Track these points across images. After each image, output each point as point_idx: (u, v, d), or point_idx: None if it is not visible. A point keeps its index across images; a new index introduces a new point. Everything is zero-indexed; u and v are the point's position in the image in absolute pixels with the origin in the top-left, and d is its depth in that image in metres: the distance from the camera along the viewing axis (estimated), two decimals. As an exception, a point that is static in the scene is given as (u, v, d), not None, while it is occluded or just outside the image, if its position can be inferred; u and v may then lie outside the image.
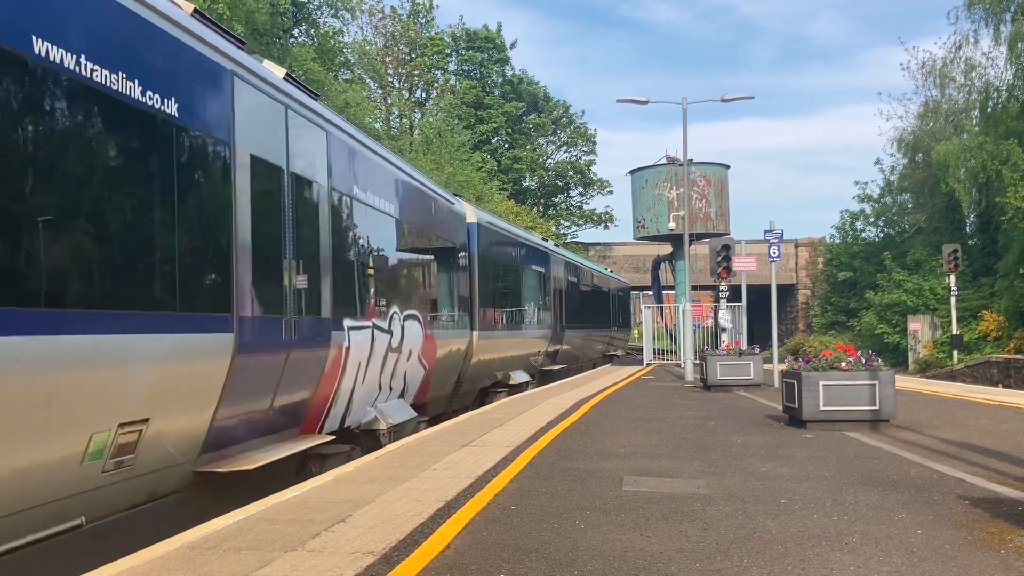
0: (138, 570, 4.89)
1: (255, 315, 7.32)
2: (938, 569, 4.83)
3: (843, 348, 12.24)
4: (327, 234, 9.10)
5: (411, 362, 12.04)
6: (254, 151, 7.34)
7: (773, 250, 20.31)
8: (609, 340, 39.66)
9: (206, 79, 6.67)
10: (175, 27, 6.24)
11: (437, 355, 13.48)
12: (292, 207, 8.16)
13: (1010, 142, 32.28)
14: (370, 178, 10.67)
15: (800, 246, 52.79)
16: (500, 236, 19.32)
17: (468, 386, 16.69)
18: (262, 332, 7.48)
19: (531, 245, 23.11)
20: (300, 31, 30.27)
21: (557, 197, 60.97)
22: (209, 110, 6.66)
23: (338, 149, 9.56)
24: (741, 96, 26.24)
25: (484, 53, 56.00)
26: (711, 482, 7.53)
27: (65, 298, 5.07)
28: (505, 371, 19.49)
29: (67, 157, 5.13)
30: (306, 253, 8.52)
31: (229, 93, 6.92)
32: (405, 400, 12.24)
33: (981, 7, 35.15)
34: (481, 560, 5.05)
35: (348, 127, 10.41)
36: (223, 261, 6.83)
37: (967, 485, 7.32)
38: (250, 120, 7.28)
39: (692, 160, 34.57)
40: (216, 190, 6.81)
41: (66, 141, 5.11)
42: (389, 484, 7.46)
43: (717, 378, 18.98)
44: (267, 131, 7.70)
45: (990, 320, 33.93)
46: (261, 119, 7.58)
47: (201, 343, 6.45)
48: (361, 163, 10.42)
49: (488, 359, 17.45)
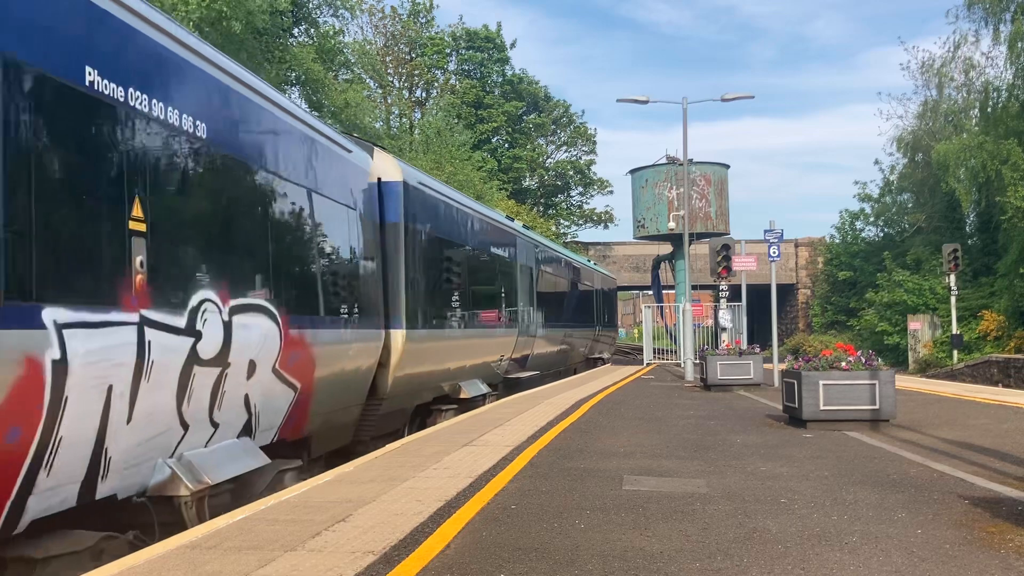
0: (138, 570, 4.90)
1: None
2: (938, 569, 4.83)
3: (843, 348, 12.24)
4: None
5: (257, 379, 7.78)
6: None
7: (773, 250, 20.32)
8: (593, 342, 34.83)
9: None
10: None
11: (318, 366, 9.16)
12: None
13: (1010, 142, 32.29)
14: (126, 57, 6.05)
15: (800, 246, 52.81)
16: (443, 205, 14.16)
17: (391, 405, 12.00)
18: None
19: (491, 222, 18.10)
20: (300, 30, 30.27)
21: (557, 197, 60.97)
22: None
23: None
24: (741, 96, 26.24)
25: (484, 53, 55.99)
26: (711, 481, 7.53)
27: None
28: (453, 382, 14.94)
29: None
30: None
31: None
32: (253, 438, 7.97)
33: (980, 7, 35.15)
34: (481, 559, 5.05)
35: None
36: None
37: (967, 485, 7.32)
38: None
39: (692, 160, 34.59)
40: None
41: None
42: (389, 484, 7.46)
43: (717, 378, 18.98)
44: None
45: (990, 320, 33.94)
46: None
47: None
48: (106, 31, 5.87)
49: (424, 369, 13.08)
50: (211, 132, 7.07)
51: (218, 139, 7.19)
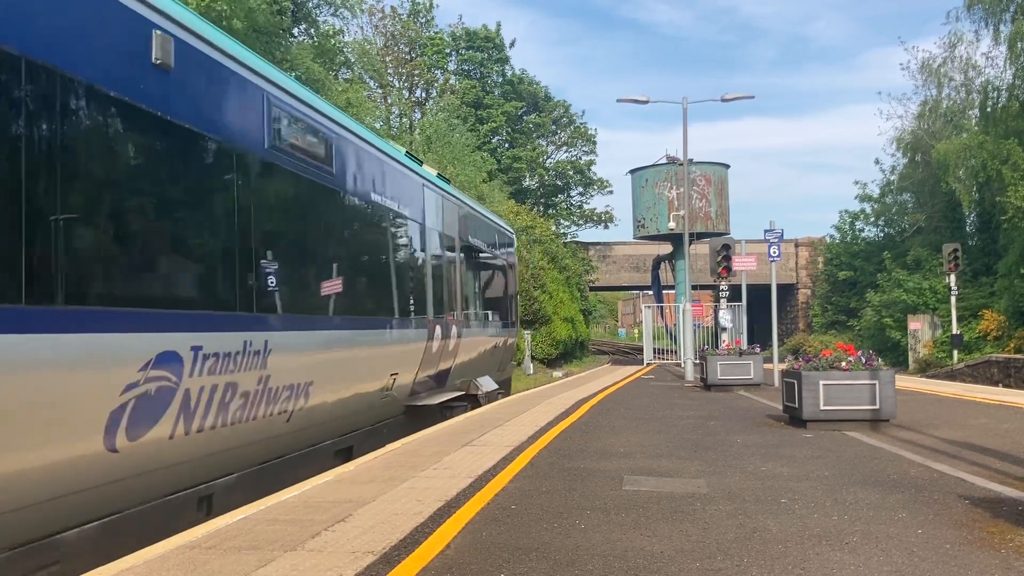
0: (138, 570, 4.89)
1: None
2: (938, 569, 4.83)
3: (843, 348, 12.24)
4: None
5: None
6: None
7: (773, 250, 20.31)
8: (492, 354, 17.57)
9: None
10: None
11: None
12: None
13: (1010, 141, 32.31)
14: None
15: (800, 246, 52.82)
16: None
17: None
18: None
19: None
20: (300, 30, 30.25)
21: (557, 197, 60.99)
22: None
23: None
24: (741, 96, 26.25)
25: (484, 53, 56.01)
26: (711, 482, 7.53)
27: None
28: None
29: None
30: None
31: None
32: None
33: (980, 7, 35.18)
34: (481, 560, 5.05)
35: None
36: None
37: (967, 484, 7.32)
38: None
39: (692, 159, 34.60)
40: None
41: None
42: (389, 484, 7.46)
43: (717, 378, 18.98)
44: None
45: (990, 319, 33.95)
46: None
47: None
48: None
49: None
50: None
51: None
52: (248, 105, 7.25)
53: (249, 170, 7.19)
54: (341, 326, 9.17)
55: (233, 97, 7.02)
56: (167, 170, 6.13)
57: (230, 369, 6.63)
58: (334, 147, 8.99)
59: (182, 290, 6.35)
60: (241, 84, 7.12)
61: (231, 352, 6.65)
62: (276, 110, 7.69)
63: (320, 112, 8.83)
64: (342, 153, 9.23)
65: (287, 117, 7.93)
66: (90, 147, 5.31)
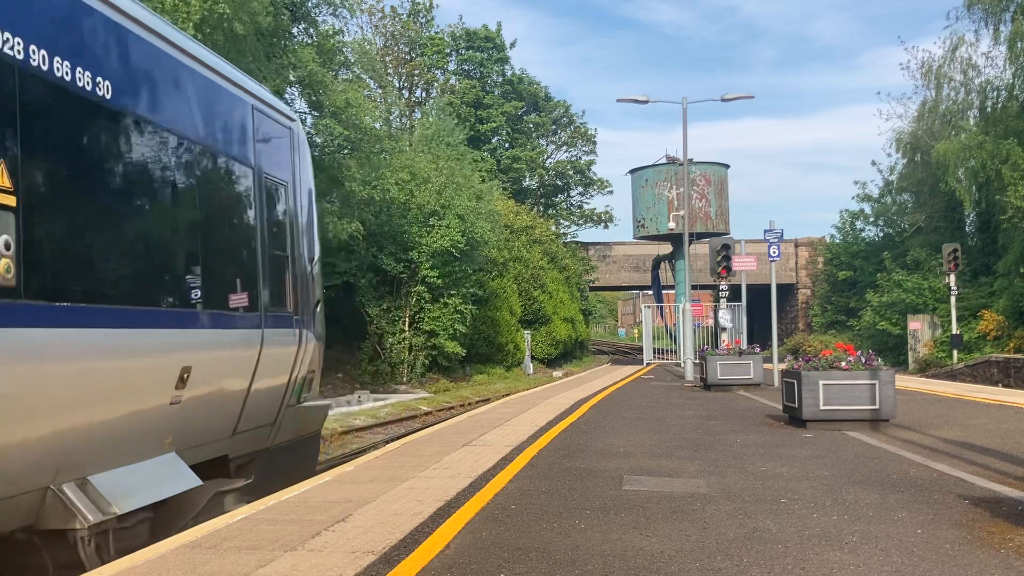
0: (138, 570, 4.89)
1: None
2: (938, 569, 4.83)
3: (843, 347, 12.24)
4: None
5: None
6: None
7: (773, 250, 20.32)
8: (193, 403, 6.64)
9: None
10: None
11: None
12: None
13: (1010, 141, 32.31)
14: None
15: (800, 246, 52.84)
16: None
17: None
18: None
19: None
20: (299, 30, 30.21)
21: (557, 197, 60.96)
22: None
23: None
24: (741, 96, 26.26)
25: (484, 53, 55.98)
26: (711, 481, 7.53)
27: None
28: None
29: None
30: None
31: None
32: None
33: (980, 7, 35.18)
34: (481, 559, 5.05)
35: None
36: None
37: (967, 484, 7.32)
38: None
39: (692, 159, 34.61)
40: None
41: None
42: (389, 484, 7.46)
43: (717, 378, 18.98)
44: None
45: (990, 319, 33.94)
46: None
47: None
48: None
49: None
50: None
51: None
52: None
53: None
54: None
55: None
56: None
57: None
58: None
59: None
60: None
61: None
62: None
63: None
64: None
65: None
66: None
